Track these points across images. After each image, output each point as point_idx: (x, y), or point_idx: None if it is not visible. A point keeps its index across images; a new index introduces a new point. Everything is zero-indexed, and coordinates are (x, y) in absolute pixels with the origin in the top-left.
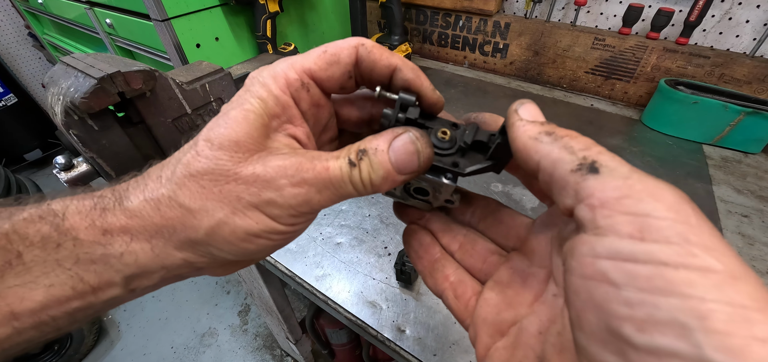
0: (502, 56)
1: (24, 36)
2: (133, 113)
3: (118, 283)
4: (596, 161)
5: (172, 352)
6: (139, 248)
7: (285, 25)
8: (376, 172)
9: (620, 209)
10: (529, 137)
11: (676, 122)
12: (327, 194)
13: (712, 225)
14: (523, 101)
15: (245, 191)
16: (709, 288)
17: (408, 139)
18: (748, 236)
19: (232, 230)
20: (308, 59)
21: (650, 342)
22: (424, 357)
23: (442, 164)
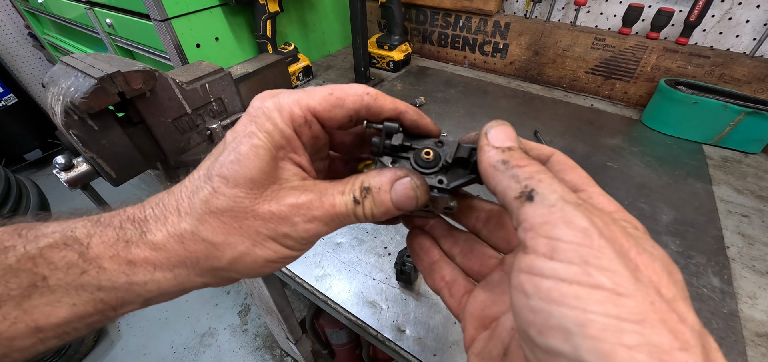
0: (502, 56)
1: (24, 36)
2: (133, 113)
3: (138, 302)
4: (534, 189)
5: (172, 352)
6: (162, 277)
7: (285, 25)
8: (377, 208)
9: (541, 233)
10: (488, 164)
11: (676, 122)
12: (333, 226)
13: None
14: (494, 123)
15: (263, 227)
16: (592, 301)
17: (409, 184)
18: (748, 236)
19: (254, 259)
20: (313, 99)
21: (545, 343)
22: (424, 357)
23: (430, 181)
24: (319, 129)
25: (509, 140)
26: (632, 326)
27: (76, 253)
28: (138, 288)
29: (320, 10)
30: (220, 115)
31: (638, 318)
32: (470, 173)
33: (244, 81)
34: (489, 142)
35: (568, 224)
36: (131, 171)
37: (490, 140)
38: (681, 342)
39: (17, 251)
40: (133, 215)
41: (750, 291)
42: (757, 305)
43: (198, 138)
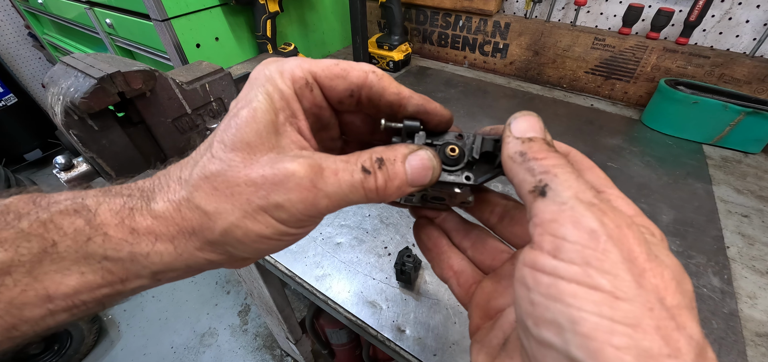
0: (502, 56)
1: (24, 36)
2: (133, 113)
3: (146, 276)
4: (548, 185)
5: (172, 352)
6: (164, 249)
7: (285, 25)
8: (391, 181)
9: (548, 230)
10: (508, 156)
11: (676, 122)
12: (335, 199)
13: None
14: (519, 114)
15: (255, 195)
16: (588, 301)
17: (425, 156)
18: (748, 236)
19: (245, 232)
20: (316, 65)
21: (539, 334)
22: (424, 357)
23: (456, 179)
24: (321, 98)
25: (532, 131)
26: (624, 328)
27: (83, 219)
28: (142, 260)
29: (320, 10)
30: (220, 115)
31: (632, 322)
32: (496, 167)
33: (244, 81)
34: (511, 133)
35: (576, 224)
36: (131, 171)
37: (512, 131)
38: (672, 348)
39: (30, 217)
40: (143, 185)
41: (750, 291)
42: (757, 305)
43: (198, 138)
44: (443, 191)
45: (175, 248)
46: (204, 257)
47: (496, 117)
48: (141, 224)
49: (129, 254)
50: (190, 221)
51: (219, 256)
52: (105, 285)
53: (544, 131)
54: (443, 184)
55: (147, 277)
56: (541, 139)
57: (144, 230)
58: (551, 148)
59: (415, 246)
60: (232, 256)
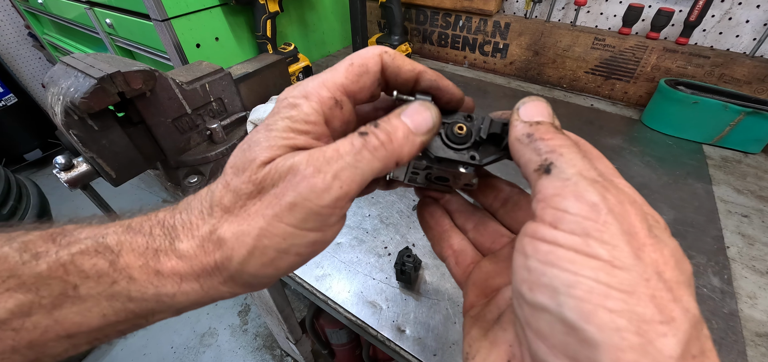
0: (502, 56)
1: (24, 36)
2: (133, 113)
3: (169, 312)
4: (553, 163)
5: (172, 352)
6: (190, 289)
7: (285, 25)
8: (394, 134)
9: (551, 204)
10: (515, 138)
11: (676, 122)
12: (345, 175)
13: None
14: (527, 99)
15: (267, 206)
16: (584, 267)
17: (417, 104)
18: (748, 236)
19: (263, 252)
20: (338, 74)
21: (533, 299)
22: (424, 357)
23: (460, 157)
24: (351, 109)
25: (539, 115)
26: (619, 294)
27: (106, 261)
28: (167, 300)
29: (320, 10)
30: (220, 115)
31: (627, 289)
32: (502, 150)
33: (244, 81)
34: (519, 117)
35: (578, 197)
36: (131, 171)
37: (520, 115)
38: (666, 316)
39: (49, 258)
40: (164, 219)
41: (750, 291)
42: (757, 305)
43: (198, 138)
44: (448, 170)
45: (201, 286)
46: (228, 291)
47: None
48: (166, 265)
49: (154, 296)
50: (213, 256)
51: (242, 288)
52: (127, 321)
53: (552, 115)
54: (448, 162)
55: (171, 312)
56: (549, 122)
57: (169, 271)
58: (558, 130)
59: (415, 246)
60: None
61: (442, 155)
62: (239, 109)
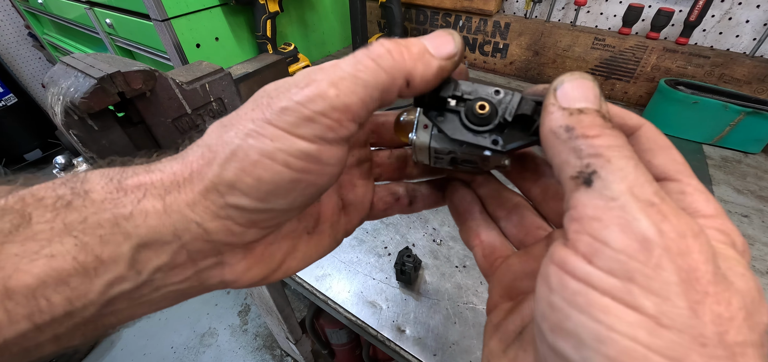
0: (502, 56)
1: (24, 36)
2: (133, 113)
3: (124, 257)
4: (596, 171)
5: (172, 352)
6: (150, 206)
7: (285, 25)
8: (409, 49)
9: (587, 230)
10: (549, 129)
11: (676, 122)
12: (345, 85)
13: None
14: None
15: (260, 109)
16: (621, 320)
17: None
18: (748, 236)
19: (245, 153)
20: None
21: (554, 344)
22: (424, 357)
23: (480, 141)
24: None
25: (583, 100)
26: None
27: (68, 187)
28: (123, 224)
29: (320, 10)
30: (220, 115)
31: (674, 355)
32: (532, 135)
33: (244, 81)
34: (556, 100)
35: (624, 228)
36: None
37: (557, 99)
38: None
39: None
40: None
41: None
42: None
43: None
44: (473, 153)
45: (163, 204)
46: (195, 221)
47: None
48: (131, 180)
49: (110, 218)
50: (190, 164)
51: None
52: (75, 271)
53: (600, 99)
54: (469, 145)
55: (125, 260)
56: (595, 110)
57: (133, 185)
58: (607, 122)
59: (415, 246)
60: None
61: (458, 137)
62: None
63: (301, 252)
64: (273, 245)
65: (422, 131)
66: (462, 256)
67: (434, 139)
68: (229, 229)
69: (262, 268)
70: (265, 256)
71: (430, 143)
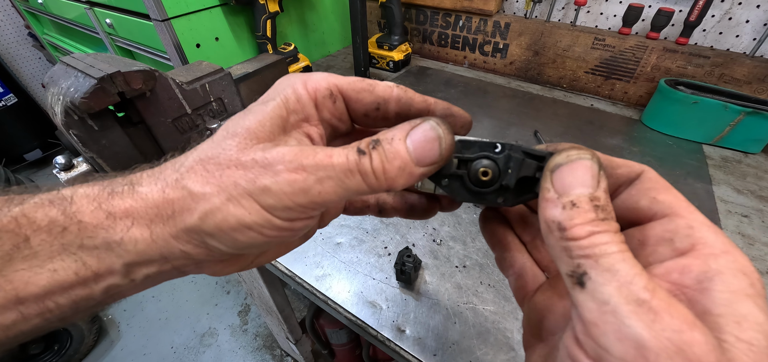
0: (502, 56)
1: (24, 36)
2: (133, 113)
3: (119, 271)
4: (586, 273)
5: (172, 352)
6: (139, 234)
7: (285, 25)
8: (390, 162)
9: (590, 334)
10: (544, 221)
11: (676, 122)
12: (329, 185)
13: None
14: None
15: (242, 177)
16: None
17: (428, 126)
18: (748, 236)
19: (225, 217)
20: (343, 79)
21: None
22: (424, 357)
23: (486, 201)
24: (344, 110)
25: (579, 186)
26: None
27: (58, 209)
28: (115, 248)
29: (320, 10)
30: (220, 115)
31: None
32: (534, 192)
33: (244, 81)
34: (552, 185)
35: (619, 335)
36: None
37: (553, 184)
38: None
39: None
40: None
41: None
42: None
43: (198, 138)
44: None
45: (150, 233)
46: (179, 249)
47: (496, 117)
48: (119, 207)
49: (103, 242)
50: (171, 202)
51: (196, 249)
52: (78, 282)
53: (597, 180)
54: (475, 195)
55: (120, 273)
56: (588, 199)
57: (121, 212)
58: (598, 213)
59: (415, 246)
60: (210, 251)
61: (463, 199)
62: (239, 109)
63: (273, 252)
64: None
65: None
66: (462, 256)
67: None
68: (210, 254)
69: (236, 266)
70: (240, 259)
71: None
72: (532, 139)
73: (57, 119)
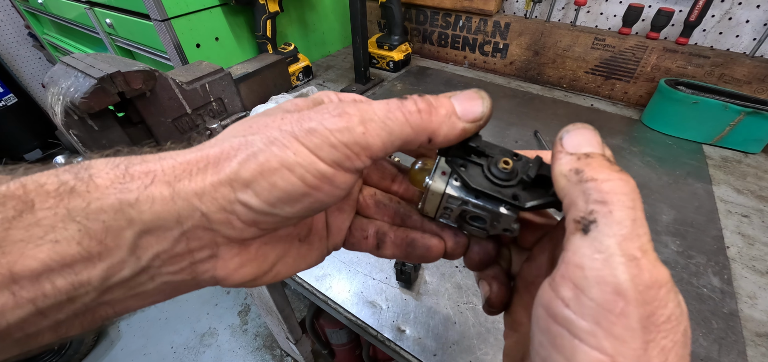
0: (502, 56)
1: (24, 36)
2: (133, 113)
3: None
4: (596, 221)
5: (172, 352)
6: (157, 192)
7: (285, 25)
8: (436, 109)
9: (571, 275)
10: (560, 173)
11: (676, 122)
12: (372, 126)
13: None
14: (571, 126)
15: (288, 123)
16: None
17: (472, 91)
18: (748, 236)
19: (267, 159)
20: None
21: None
22: (424, 357)
23: (502, 195)
24: None
25: (588, 145)
26: None
27: (72, 174)
28: (127, 211)
29: (320, 10)
30: (220, 115)
31: None
32: (550, 196)
33: (244, 81)
34: (563, 148)
35: (604, 278)
36: None
37: (564, 146)
38: None
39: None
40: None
41: (750, 291)
42: (757, 305)
43: (198, 138)
44: (486, 209)
45: (171, 191)
46: (200, 211)
47: (496, 117)
48: (139, 167)
49: (114, 204)
50: (206, 156)
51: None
52: (79, 258)
53: (603, 146)
54: (488, 198)
55: (126, 247)
56: (600, 155)
57: (141, 172)
58: (613, 166)
59: None
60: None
61: (479, 186)
62: (239, 109)
63: (292, 258)
64: (267, 246)
65: (439, 177)
66: None
67: (451, 186)
68: (231, 223)
69: (253, 268)
70: (258, 256)
71: (445, 189)
72: (532, 139)
73: (57, 119)
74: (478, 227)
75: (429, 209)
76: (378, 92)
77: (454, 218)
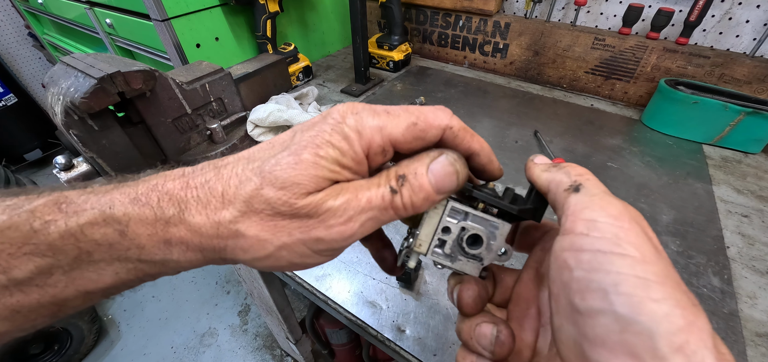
0: (502, 56)
1: (24, 36)
2: (133, 113)
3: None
4: (581, 184)
5: (172, 352)
6: (194, 257)
7: (285, 25)
8: (416, 195)
9: (580, 216)
10: (541, 170)
11: (676, 122)
12: (369, 224)
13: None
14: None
15: (297, 229)
16: (624, 265)
17: (445, 161)
18: (748, 236)
19: (277, 260)
20: (397, 129)
21: (586, 306)
22: (424, 357)
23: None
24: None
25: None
26: (657, 285)
27: (116, 232)
28: (172, 264)
29: (320, 10)
30: (220, 115)
31: (661, 279)
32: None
33: (244, 81)
34: (535, 164)
35: (604, 208)
36: (131, 171)
37: (535, 162)
38: (692, 298)
39: (59, 226)
40: (173, 192)
41: (750, 291)
42: (757, 305)
43: (198, 138)
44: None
45: (203, 257)
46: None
47: (496, 117)
48: (174, 235)
49: (161, 261)
50: (225, 240)
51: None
52: (137, 279)
53: None
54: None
55: (172, 272)
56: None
57: (177, 240)
58: None
59: None
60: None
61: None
62: (239, 109)
63: None
64: None
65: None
66: None
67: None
68: None
69: None
70: None
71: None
72: (532, 139)
73: (57, 119)
74: (473, 255)
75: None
76: (378, 92)
77: (450, 247)
